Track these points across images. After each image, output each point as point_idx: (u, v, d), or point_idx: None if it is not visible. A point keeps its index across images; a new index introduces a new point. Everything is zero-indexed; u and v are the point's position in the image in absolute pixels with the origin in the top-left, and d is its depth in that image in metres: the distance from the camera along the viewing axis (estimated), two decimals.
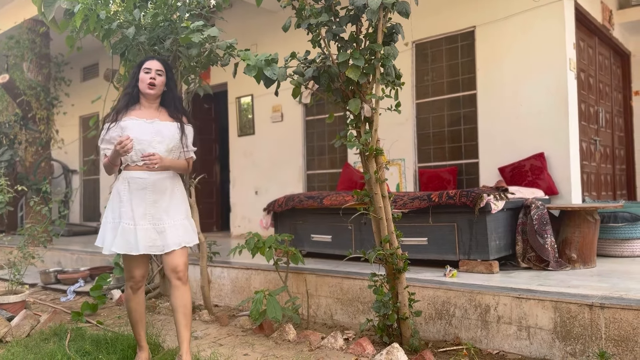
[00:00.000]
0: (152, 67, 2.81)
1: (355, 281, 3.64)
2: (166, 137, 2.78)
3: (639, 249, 4.52)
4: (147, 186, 2.74)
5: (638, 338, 2.55)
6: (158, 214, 2.74)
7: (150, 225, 2.72)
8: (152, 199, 2.74)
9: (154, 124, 2.79)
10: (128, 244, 2.69)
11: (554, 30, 4.91)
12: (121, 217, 2.72)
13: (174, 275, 2.77)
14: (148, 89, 2.79)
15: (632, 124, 7.30)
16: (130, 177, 2.75)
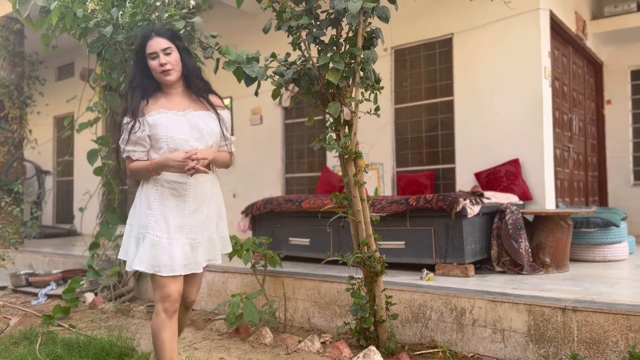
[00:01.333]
0: (156, 49, 2.26)
1: (333, 284, 3.64)
2: (205, 133, 2.28)
3: (611, 253, 4.62)
4: (186, 193, 2.27)
5: (609, 341, 2.60)
6: (196, 227, 2.30)
7: (187, 240, 2.27)
8: (191, 209, 2.28)
9: (187, 116, 2.29)
10: (156, 260, 2.19)
11: (529, 38, 5.01)
12: (148, 229, 2.22)
13: (184, 302, 2.44)
14: (165, 76, 2.27)
15: (604, 132, 7.48)
16: (165, 180, 2.26)
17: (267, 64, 2.87)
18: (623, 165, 7.44)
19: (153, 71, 2.28)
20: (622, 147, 7.45)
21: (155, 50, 2.25)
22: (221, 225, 2.47)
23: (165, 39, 2.29)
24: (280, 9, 2.83)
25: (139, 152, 2.26)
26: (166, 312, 2.24)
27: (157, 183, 2.26)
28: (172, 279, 2.24)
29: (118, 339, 3.18)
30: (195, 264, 2.31)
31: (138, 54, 2.31)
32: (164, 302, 2.24)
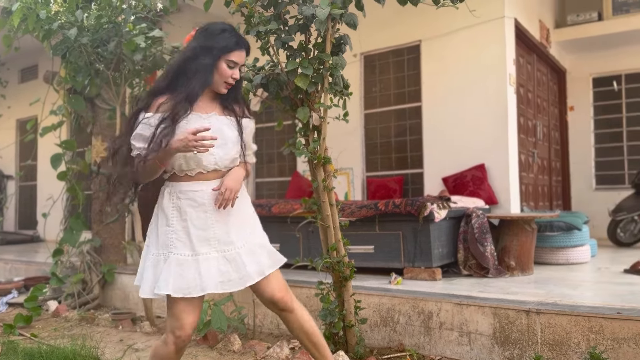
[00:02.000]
0: (239, 61, 2.11)
1: (303, 289, 3.64)
2: (228, 140, 2.09)
3: (573, 256, 4.75)
4: (204, 201, 2.05)
5: (571, 342, 2.67)
6: (226, 236, 2.06)
7: (218, 252, 2.04)
8: (215, 217, 2.06)
9: (211, 119, 2.09)
10: (185, 282, 1.97)
11: (495, 46, 5.12)
12: (170, 247, 2.01)
13: (275, 307, 2.16)
14: (224, 88, 2.11)
15: (567, 138, 7.70)
16: (179, 191, 2.06)
17: None
18: (585, 170, 7.67)
19: (220, 75, 2.08)
20: (584, 153, 7.68)
21: (238, 62, 2.11)
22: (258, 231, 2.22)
23: (246, 56, 2.18)
24: (249, 14, 2.82)
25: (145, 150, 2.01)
26: (175, 345, 2.02)
27: (172, 196, 2.06)
28: (190, 309, 2.00)
29: (82, 347, 3.11)
30: (241, 277, 2.04)
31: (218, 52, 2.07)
32: (177, 331, 2.00)
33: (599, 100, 7.71)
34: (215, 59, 2.07)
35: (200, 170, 2.06)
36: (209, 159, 2.05)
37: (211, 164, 2.06)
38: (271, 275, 2.12)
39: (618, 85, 7.50)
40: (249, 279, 2.05)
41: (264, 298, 2.15)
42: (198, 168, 2.05)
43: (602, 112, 7.70)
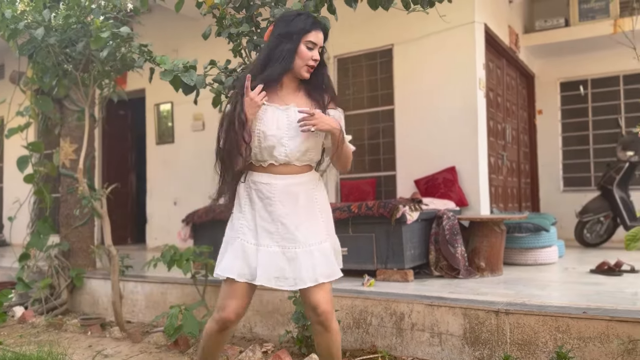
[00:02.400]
0: (317, 42, 2.09)
1: (276, 292, 3.62)
2: (301, 133, 2.06)
3: (542, 257, 4.85)
4: (274, 195, 2.07)
5: (539, 341, 2.72)
6: (289, 234, 2.05)
7: (279, 248, 2.04)
8: (280, 212, 2.06)
9: (288, 111, 2.09)
10: (249, 268, 2.04)
11: (465, 51, 5.20)
12: (239, 233, 2.08)
13: (315, 317, 2.09)
14: (306, 72, 2.09)
15: (536, 141, 7.87)
16: (253, 181, 2.11)
17: (206, 71, 2.83)
18: (553, 172, 7.85)
19: (300, 58, 2.07)
20: (552, 155, 7.86)
21: (316, 42, 2.09)
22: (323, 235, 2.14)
23: (324, 38, 2.15)
24: (220, 16, 2.81)
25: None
26: (217, 324, 2.10)
27: (247, 184, 2.13)
28: (234, 293, 2.06)
29: (49, 354, 3.03)
30: (292, 279, 2.02)
31: (298, 35, 2.07)
32: (220, 312, 2.09)
33: (566, 104, 7.90)
34: (296, 43, 2.07)
35: (272, 161, 2.08)
36: (279, 150, 2.06)
37: (282, 155, 2.07)
38: (323, 285, 2.05)
39: (584, 89, 7.69)
40: (302, 283, 2.02)
41: (307, 304, 2.11)
42: (270, 159, 2.08)
43: (569, 116, 7.89)
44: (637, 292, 3.32)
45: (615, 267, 4.19)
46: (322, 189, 2.22)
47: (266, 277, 2.01)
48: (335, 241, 2.21)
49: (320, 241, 2.08)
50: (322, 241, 2.09)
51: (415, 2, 2.68)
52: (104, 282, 4.40)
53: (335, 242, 2.20)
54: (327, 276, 2.05)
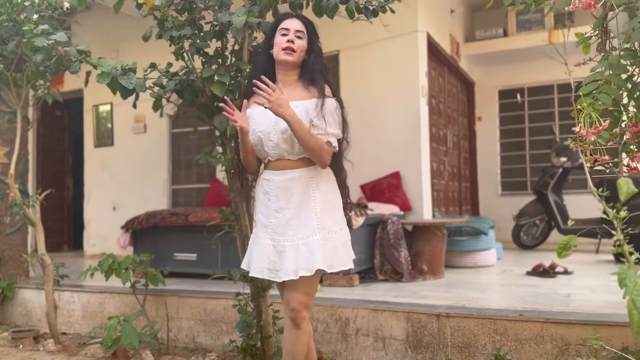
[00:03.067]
0: (290, 27, 2.15)
1: (220, 301, 3.56)
2: (281, 124, 2.07)
3: (481, 260, 5.01)
4: (271, 190, 2.14)
5: (478, 344, 2.80)
6: (281, 227, 2.11)
7: (271, 241, 2.12)
8: (274, 207, 2.13)
9: None
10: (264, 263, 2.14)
11: (409, 58, 5.31)
12: (256, 229, 2.23)
13: (286, 312, 2.13)
14: (284, 54, 2.12)
15: (475, 146, 8.14)
16: (259, 178, 2.23)
17: (146, 74, 2.74)
18: (492, 177, 8.14)
19: (276, 45, 2.15)
20: (491, 160, 8.15)
21: (289, 27, 2.15)
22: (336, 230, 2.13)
23: (302, 24, 2.19)
24: (162, 18, 2.73)
25: None
26: (290, 319, 2.12)
27: (258, 182, 2.24)
28: (280, 287, 2.20)
29: None
30: (283, 271, 2.06)
31: (271, 31, 2.22)
32: (284, 307, 2.16)
33: (504, 111, 8.22)
34: (271, 36, 2.19)
35: (268, 157, 2.16)
36: (268, 145, 2.13)
37: (271, 149, 2.13)
38: (300, 280, 2.04)
39: (521, 97, 8.03)
40: (284, 275, 2.06)
41: (283, 298, 2.17)
42: (266, 155, 2.15)
43: (507, 123, 8.22)
44: (570, 294, 3.48)
45: (550, 269, 4.39)
46: (325, 182, 2.16)
47: (259, 269, 2.12)
48: (344, 235, 2.16)
49: (307, 235, 2.07)
50: (310, 235, 2.06)
51: (359, 11, 2.71)
52: (38, 292, 4.18)
53: (343, 236, 2.15)
54: (307, 270, 2.03)
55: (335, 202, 2.19)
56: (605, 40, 2.38)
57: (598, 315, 2.69)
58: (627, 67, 1.60)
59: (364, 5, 2.68)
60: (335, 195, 2.20)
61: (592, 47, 2.47)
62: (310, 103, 2.09)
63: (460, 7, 7.04)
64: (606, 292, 3.51)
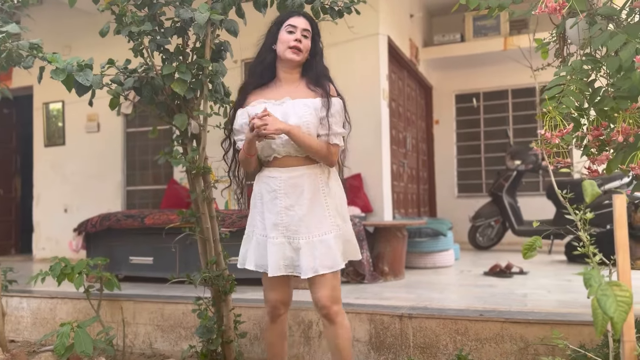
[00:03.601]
0: (298, 24, 2.15)
1: (179, 305, 3.46)
2: (290, 121, 2.09)
3: (440, 261, 5.09)
4: (279, 187, 2.12)
5: (440, 344, 2.83)
6: (294, 225, 2.10)
7: (285, 238, 2.12)
8: (284, 204, 2.12)
9: (283, 105, 2.15)
10: (263, 259, 2.16)
11: (370, 61, 5.34)
12: (255, 227, 2.21)
13: (318, 311, 2.19)
14: (291, 53, 2.13)
15: (433, 149, 8.28)
16: (262, 176, 2.20)
17: (104, 71, 2.64)
18: (449, 179, 8.30)
19: (281, 43, 2.14)
20: (448, 163, 8.31)
21: (296, 25, 2.15)
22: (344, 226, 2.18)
23: (308, 22, 2.20)
24: (120, 12, 2.63)
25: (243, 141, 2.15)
26: (269, 315, 2.30)
27: (259, 179, 2.21)
28: (271, 286, 2.24)
29: None
30: (300, 267, 2.08)
31: (276, 26, 2.20)
32: (266, 305, 2.30)
33: (460, 115, 8.41)
34: (276, 31, 2.17)
35: (275, 154, 2.14)
36: (277, 142, 2.11)
37: (279, 147, 2.13)
38: (324, 278, 2.08)
39: (477, 101, 8.23)
40: (304, 273, 2.08)
41: (312, 297, 2.17)
42: (272, 152, 2.14)
43: (463, 126, 8.40)
44: (526, 294, 3.57)
45: (506, 269, 4.49)
46: (334, 179, 2.22)
47: (276, 267, 2.09)
48: (348, 231, 2.21)
49: (323, 232, 2.09)
50: (326, 232, 2.10)
51: (324, 11, 2.69)
52: None
53: (347, 232, 2.20)
54: (328, 267, 2.07)
55: (342, 197, 2.25)
56: (563, 46, 2.45)
57: (555, 315, 2.76)
58: (588, 72, 1.64)
59: (329, 6, 2.67)
60: (341, 191, 2.27)
61: (550, 53, 2.55)
62: (319, 102, 2.13)
63: (419, 12, 7.15)
64: (560, 292, 3.62)
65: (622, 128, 1.49)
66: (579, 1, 1.51)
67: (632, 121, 1.49)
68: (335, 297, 2.14)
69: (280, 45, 2.15)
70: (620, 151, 1.72)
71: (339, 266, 2.11)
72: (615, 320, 1.16)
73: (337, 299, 2.15)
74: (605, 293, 1.19)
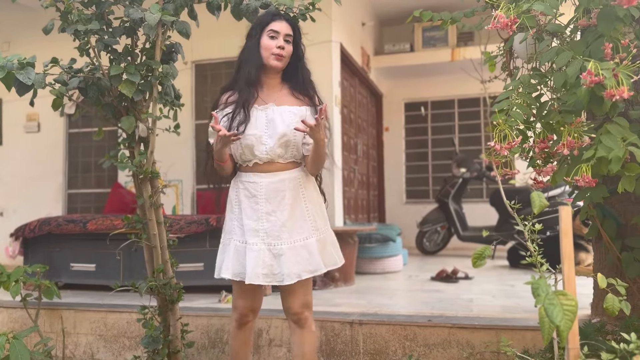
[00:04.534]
0: (280, 30, 2.11)
1: (123, 314, 3.34)
2: (279, 129, 2.07)
3: (389, 266, 5.15)
4: (260, 192, 2.09)
5: (389, 350, 2.86)
6: (275, 231, 2.07)
7: (265, 245, 2.06)
8: (265, 210, 2.08)
9: (267, 110, 2.11)
10: (241, 267, 2.09)
11: (323, 68, 5.36)
12: (232, 234, 2.14)
13: (289, 316, 2.17)
14: (274, 60, 2.10)
15: (383, 156, 8.40)
16: (240, 181, 2.14)
17: (47, 69, 2.51)
18: (397, 185, 8.44)
19: (264, 49, 2.10)
20: (397, 170, 8.46)
21: (279, 30, 2.11)
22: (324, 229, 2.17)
23: (290, 27, 2.15)
24: (66, 9, 2.51)
25: None
26: (236, 322, 2.26)
27: (236, 184, 2.16)
28: (241, 293, 2.19)
29: None
30: (280, 274, 2.05)
31: (258, 29, 2.15)
32: (234, 312, 2.26)
33: (409, 123, 8.58)
34: (258, 36, 2.12)
35: (256, 160, 2.11)
36: (260, 149, 2.08)
37: (263, 153, 2.09)
38: (299, 283, 2.07)
39: (425, 110, 8.42)
40: (288, 279, 2.04)
41: (283, 303, 2.17)
42: (254, 158, 2.10)
43: (412, 134, 8.57)
44: (472, 299, 3.67)
45: (452, 274, 4.60)
46: (312, 184, 2.22)
47: (254, 275, 2.04)
48: (330, 234, 2.21)
49: (305, 237, 2.09)
50: (307, 237, 2.10)
51: None
52: None
53: (329, 236, 2.20)
54: (310, 272, 2.08)
55: (321, 202, 2.25)
56: (509, 60, 2.54)
57: (500, 320, 2.85)
58: (536, 86, 1.70)
59: (284, 12, 2.65)
60: (319, 196, 2.26)
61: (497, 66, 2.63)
62: (306, 110, 2.14)
63: (371, 21, 7.24)
64: (504, 297, 3.73)
65: (567, 141, 1.55)
66: (529, 18, 1.56)
67: (577, 135, 1.55)
68: (308, 302, 2.15)
69: (264, 51, 2.12)
70: (564, 163, 1.79)
71: (320, 270, 2.11)
72: (561, 329, 1.20)
73: (310, 305, 2.17)
74: (552, 302, 1.23)
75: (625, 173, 1.53)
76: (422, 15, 2.08)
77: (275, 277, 2.07)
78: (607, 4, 1.51)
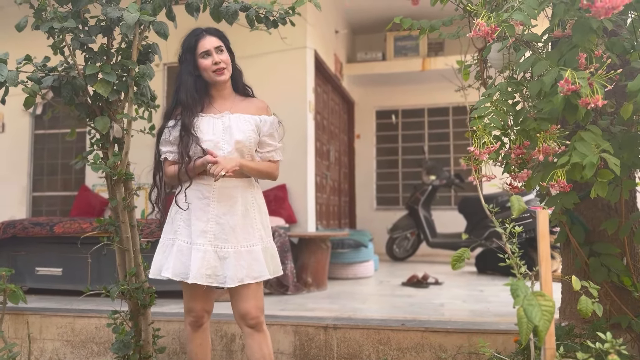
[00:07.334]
0: (209, 47, 2.17)
1: (91, 319, 3.26)
2: (234, 135, 2.14)
3: (361, 271, 5.19)
4: (212, 195, 2.14)
5: (363, 354, 2.88)
6: (224, 234, 2.11)
7: (211, 247, 2.09)
8: (216, 212, 2.12)
9: (223, 118, 2.18)
10: (183, 267, 2.10)
11: (297, 74, 5.38)
12: (177, 234, 2.15)
13: (244, 322, 2.17)
14: (217, 75, 2.17)
15: (354, 162, 8.46)
16: (194, 183, 2.16)
17: (20, 67, 2.45)
18: (368, 192, 8.51)
19: (204, 70, 2.18)
20: (367, 176, 8.53)
21: (208, 48, 2.17)
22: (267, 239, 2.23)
23: (216, 38, 2.22)
24: (40, 6, 2.46)
25: (175, 154, 2.18)
26: (191, 326, 2.27)
27: (191, 186, 2.17)
28: (194, 295, 2.20)
29: None
30: (223, 276, 2.08)
31: (189, 55, 2.20)
32: (188, 315, 2.26)
33: (380, 130, 8.67)
34: (192, 61, 2.19)
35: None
36: (218, 154, 2.11)
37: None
38: (250, 288, 2.12)
39: (396, 118, 8.53)
40: (230, 282, 2.08)
41: (234, 309, 2.19)
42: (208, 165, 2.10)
43: (383, 141, 8.66)
44: (443, 303, 3.72)
45: (423, 279, 4.66)
46: (260, 194, 2.29)
47: (198, 275, 2.06)
48: (272, 246, 2.26)
49: (252, 244, 2.14)
50: (254, 244, 2.15)
51: (259, 20, 2.68)
52: None
53: (272, 247, 2.25)
54: (253, 278, 2.11)
55: (266, 213, 2.31)
56: (483, 69, 2.61)
57: (471, 324, 2.90)
58: (513, 94, 1.75)
59: (264, 15, 2.66)
60: (265, 207, 2.32)
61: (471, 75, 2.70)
62: (258, 119, 2.22)
63: (344, 29, 7.31)
64: (474, 302, 3.81)
65: (542, 148, 1.61)
66: (509, 27, 1.62)
67: (554, 141, 1.61)
68: (261, 306, 2.20)
69: (205, 73, 2.19)
70: (537, 168, 1.85)
71: (264, 277, 2.15)
72: (540, 329, 1.24)
73: (262, 309, 2.21)
74: (531, 303, 1.27)
75: (598, 179, 1.59)
76: (402, 22, 2.12)
77: (218, 279, 2.10)
78: (582, 15, 1.57)
